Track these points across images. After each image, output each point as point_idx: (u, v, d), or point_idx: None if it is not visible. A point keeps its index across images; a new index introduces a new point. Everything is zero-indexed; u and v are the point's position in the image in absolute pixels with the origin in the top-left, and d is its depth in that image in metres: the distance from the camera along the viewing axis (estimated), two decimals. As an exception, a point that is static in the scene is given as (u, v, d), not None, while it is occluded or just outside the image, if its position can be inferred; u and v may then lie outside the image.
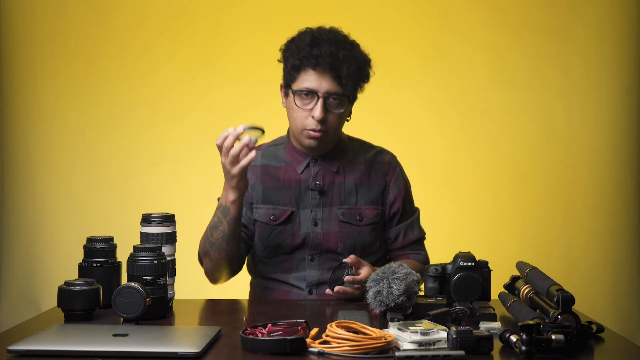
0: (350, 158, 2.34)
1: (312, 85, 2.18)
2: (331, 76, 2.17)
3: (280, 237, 2.27)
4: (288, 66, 2.23)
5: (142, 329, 1.74)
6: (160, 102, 3.76)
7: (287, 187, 2.30)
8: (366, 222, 2.30)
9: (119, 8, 3.76)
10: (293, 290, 2.28)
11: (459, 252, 2.01)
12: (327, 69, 2.16)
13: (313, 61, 2.17)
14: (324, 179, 2.30)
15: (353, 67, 2.19)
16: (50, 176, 3.74)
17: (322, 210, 2.28)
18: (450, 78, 3.76)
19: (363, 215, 2.30)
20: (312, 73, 2.18)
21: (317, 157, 2.31)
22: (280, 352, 1.55)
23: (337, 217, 2.28)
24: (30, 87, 3.74)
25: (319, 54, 2.16)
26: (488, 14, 3.73)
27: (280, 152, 2.35)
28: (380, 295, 1.84)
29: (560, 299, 1.66)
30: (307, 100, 2.19)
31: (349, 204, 2.30)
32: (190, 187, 3.73)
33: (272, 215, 2.28)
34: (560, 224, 3.73)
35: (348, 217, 2.29)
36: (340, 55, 2.17)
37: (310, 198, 2.29)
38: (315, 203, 2.29)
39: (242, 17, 3.76)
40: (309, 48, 2.18)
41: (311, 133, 2.21)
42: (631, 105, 3.61)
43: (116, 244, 2.06)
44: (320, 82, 2.18)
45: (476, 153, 3.75)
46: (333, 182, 2.30)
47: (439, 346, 1.55)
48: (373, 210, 2.31)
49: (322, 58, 2.16)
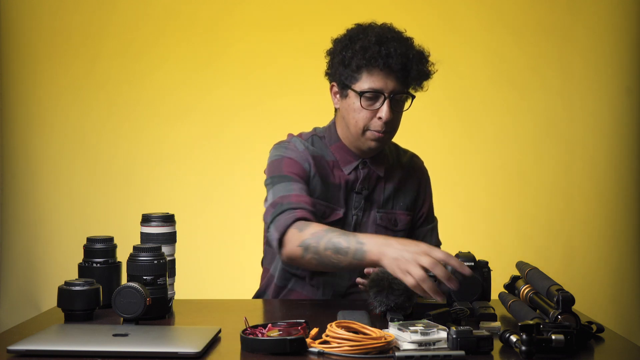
0: (391, 162, 2.30)
1: (378, 86, 2.10)
2: (397, 75, 2.11)
3: None
4: (352, 66, 2.12)
5: (142, 329, 1.74)
6: (160, 102, 3.77)
7: (335, 185, 2.22)
8: (400, 228, 2.27)
9: (119, 8, 3.76)
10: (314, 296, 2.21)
11: (459, 252, 2.01)
12: (396, 68, 2.10)
13: (382, 61, 2.09)
14: (369, 183, 2.25)
15: (422, 68, 2.14)
16: (50, 176, 3.74)
17: (364, 214, 2.25)
18: (450, 78, 3.75)
19: (398, 220, 2.27)
20: (378, 73, 2.11)
21: (367, 160, 2.24)
22: (280, 352, 1.55)
23: (375, 220, 2.24)
24: (30, 87, 3.74)
25: (388, 54, 2.09)
26: (488, 14, 3.73)
27: (325, 148, 2.26)
28: (380, 295, 1.84)
29: (560, 299, 1.66)
30: (372, 101, 2.12)
31: (387, 209, 2.27)
32: (190, 187, 3.73)
33: (323, 212, 2.20)
34: (560, 224, 3.73)
35: (385, 222, 2.25)
36: (410, 55, 2.12)
37: (354, 200, 2.24)
38: (360, 207, 2.24)
39: (242, 17, 3.76)
40: (377, 47, 2.10)
41: (375, 134, 2.14)
42: (631, 105, 3.61)
43: (116, 244, 2.06)
44: (386, 82, 2.11)
45: (476, 153, 3.75)
46: (376, 186, 2.26)
47: (439, 346, 1.55)
48: (407, 216, 2.29)
49: (391, 58, 2.09)
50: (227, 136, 3.77)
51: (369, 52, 2.09)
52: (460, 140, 3.76)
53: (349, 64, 2.13)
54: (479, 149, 3.74)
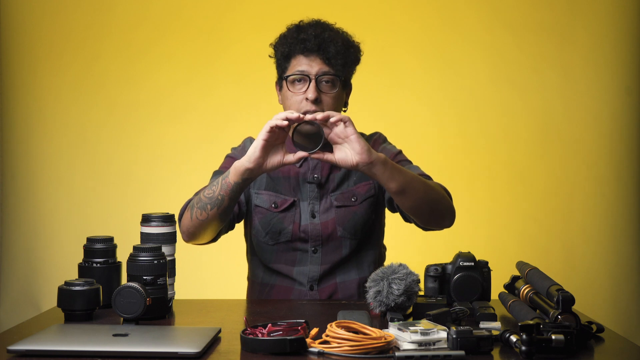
0: None
1: (302, 69, 2.22)
2: (321, 58, 2.22)
3: (282, 224, 2.29)
4: (279, 57, 2.29)
5: (142, 329, 1.74)
6: (160, 102, 3.77)
7: (286, 178, 2.32)
8: (361, 200, 2.31)
9: (118, 8, 3.76)
10: (294, 287, 2.29)
11: (459, 252, 2.01)
12: (314, 50, 2.22)
13: (301, 45, 2.23)
14: (322, 172, 2.32)
15: (340, 45, 2.23)
16: (50, 176, 3.74)
17: (320, 202, 2.30)
18: (450, 78, 3.76)
19: (357, 194, 2.31)
20: (302, 58, 2.23)
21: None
22: (280, 352, 1.55)
23: (332, 204, 2.30)
24: (30, 87, 3.75)
25: (305, 38, 2.23)
26: (488, 14, 3.73)
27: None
28: (380, 295, 1.84)
29: (560, 299, 1.66)
30: (300, 85, 2.23)
31: (342, 189, 2.32)
32: (190, 187, 3.70)
33: (274, 203, 2.31)
34: (560, 224, 3.73)
35: (342, 201, 2.30)
36: (326, 35, 2.23)
37: (308, 190, 2.31)
38: (314, 196, 2.31)
39: (242, 17, 3.76)
40: (295, 34, 2.25)
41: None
42: (631, 105, 3.60)
43: (116, 244, 2.06)
44: (311, 65, 2.22)
45: (476, 153, 3.75)
46: (330, 174, 2.32)
47: (439, 346, 1.55)
48: (365, 185, 2.32)
49: (309, 41, 2.22)
50: (227, 136, 3.75)
51: (290, 39, 2.26)
52: (460, 140, 3.76)
53: (278, 57, 2.30)
54: (478, 149, 3.74)
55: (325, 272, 2.29)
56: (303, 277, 2.29)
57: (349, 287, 2.30)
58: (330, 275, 2.30)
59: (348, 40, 2.28)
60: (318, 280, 2.29)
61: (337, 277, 2.30)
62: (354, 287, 2.30)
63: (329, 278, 2.30)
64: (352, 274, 2.31)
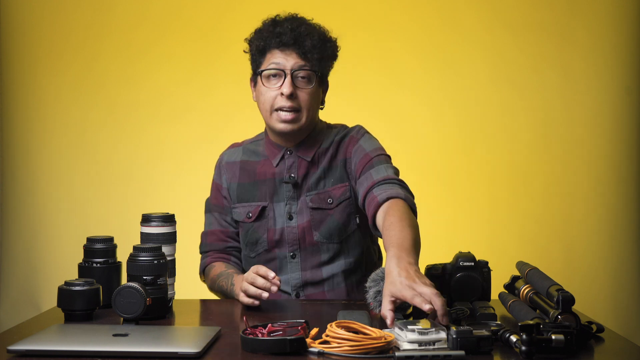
0: (325, 146, 2.29)
1: (278, 63, 2.20)
2: (296, 53, 2.20)
3: (257, 234, 2.27)
4: (254, 51, 2.26)
5: (142, 329, 1.74)
6: (160, 102, 3.77)
7: (262, 181, 2.29)
8: (336, 203, 2.25)
9: (118, 8, 3.76)
10: (281, 297, 2.24)
11: (459, 252, 2.01)
12: (290, 43, 2.19)
13: (277, 39, 2.20)
14: (299, 171, 2.27)
15: (316, 40, 2.21)
16: (50, 176, 3.74)
17: (297, 202, 2.26)
18: (450, 78, 3.75)
19: (332, 196, 2.25)
20: (277, 52, 2.21)
21: (292, 149, 2.28)
22: (280, 352, 1.55)
23: (307, 205, 2.25)
24: (30, 87, 3.75)
25: (281, 31, 2.20)
26: (488, 14, 3.73)
27: (260, 147, 2.35)
28: (380, 295, 1.83)
29: (560, 299, 1.66)
30: (275, 80, 2.20)
31: (318, 189, 2.26)
32: (190, 187, 3.72)
33: (248, 213, 2.28)
34: (560, 224, 3.73)
35: (317, 203, 2.24)
36: (302, 29, 2.21)
37: (284, 191, 2.27)
38: (290, 196, 2.26)
39: (242, 17, 3.74)
40: (271, 28, 2.22)
41: (282, 114, 2.19)
42: (631, 105, 3.60)
43: (116, 244, 2.06)
44: (286, 59, 2.20)
45: (476, 153, 3.74)
46: (307, 173, 2.27)
47: (438, 346, 1.55)
48: (340, 188, 2.26)
49: (284, 35, 2.19)
50: (227, 136, 3.74)
51: (265, 33, 2.23)
52: (460, 140, 3.75)
53: (253, 51, 2.27)
54: (478, 149, 3.74)
55: (307, 279, 2.24)
56: (286, 285, 2.25)
57: (337, 293, 2.26)
58: (314, 282, 2.25)
59: (324, 34, 2.25)
60: (302, 286, 2.25)
61: (325, 284, 2.25)
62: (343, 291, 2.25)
63: (315, 285, 2.25)
64: (338, 278, 2.25)
